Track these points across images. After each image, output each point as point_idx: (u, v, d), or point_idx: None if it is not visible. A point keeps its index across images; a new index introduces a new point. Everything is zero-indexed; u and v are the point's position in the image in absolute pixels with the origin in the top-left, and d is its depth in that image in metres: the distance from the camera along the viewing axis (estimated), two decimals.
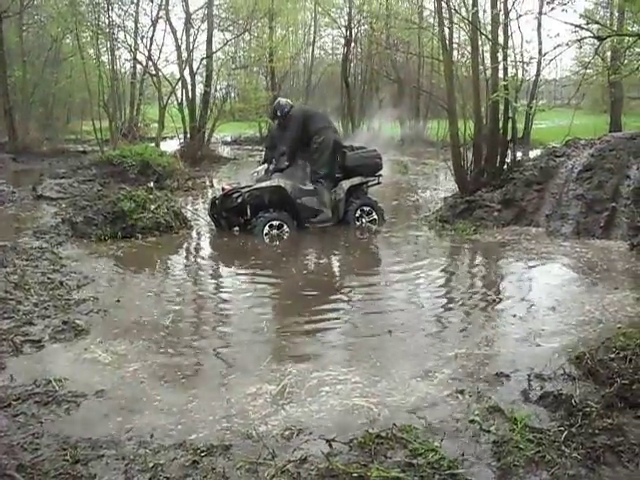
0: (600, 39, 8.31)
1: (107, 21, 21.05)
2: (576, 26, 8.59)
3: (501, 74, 10.35)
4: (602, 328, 5.10)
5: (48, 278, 6.51)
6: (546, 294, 6.16)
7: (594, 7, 18.64)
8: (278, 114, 9.84)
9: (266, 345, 4.98)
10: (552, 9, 8.44)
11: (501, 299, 6.18)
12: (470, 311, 5.77)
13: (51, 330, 5.05)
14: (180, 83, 20.20)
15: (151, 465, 3.13)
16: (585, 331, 5.06)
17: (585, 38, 8.95)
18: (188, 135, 19.93)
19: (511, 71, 10.34)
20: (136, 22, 22.95)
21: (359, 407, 3.74)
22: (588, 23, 9.73)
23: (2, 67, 19.97)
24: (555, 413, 3.63)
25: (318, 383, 4.12)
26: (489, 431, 3.42)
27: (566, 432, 3.34)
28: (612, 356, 4.14)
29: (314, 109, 9.95)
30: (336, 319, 5.64)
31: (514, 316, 5.52)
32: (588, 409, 3.54)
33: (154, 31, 21.80)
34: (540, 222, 9.19)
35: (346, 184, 9.56)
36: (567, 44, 8.23)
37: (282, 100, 10.19)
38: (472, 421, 3.52)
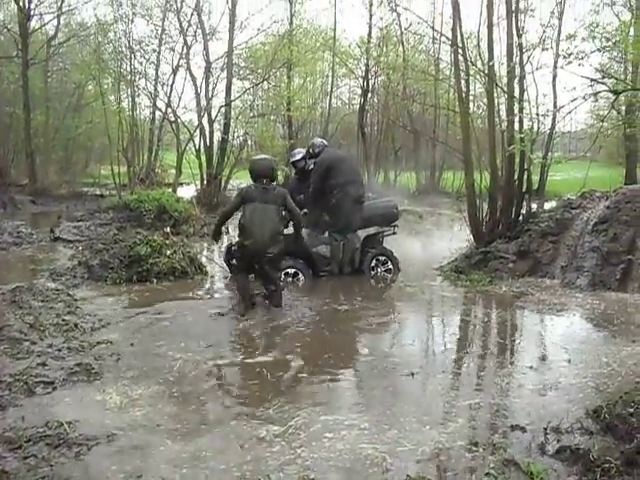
0: (616, 93, 8.39)
1: (129, 68, 21.54)
2: (592, 80, 8.68)
3: (517, 126, 10.41)
4: (620, 382, 5.00)
5: (63, 320, 6.51)
6: (561, 346, 6.08)
7: (608, 62, 18.83)
8: (301, 164, 9.89)
9: (277, 390, 4.94)
10: (569, 63, 8.56)
11: (515, 350, 6.15)
12: (484, 361, 5.71)
13: (64, 372, 5.04)
14: (198, 130, 20.49)
15: None
16: (602, 384, 4.97)
17: (601, 92, 9.03)
18: (205, 182, 20.12)
19: (527, 123, 10.40)
20: (157, 70, 23.53)
21: (371, 456, 3.68)
22: (604, 77, 9.83)
23: (26, 112, 20.42)
24: (572, 468, 3.55)
25: (323, 427, 4.09)
26: None
27: None
28: (631, 411, 4.05)
29: (342, 157, 9.73)
30: (348, 367, 5.61)
31: (529, 367, 5.45)
32: (607, 465, 3.46)
33: (174, 79, 22.32)
34: (555, 274, 9.14)
35: (362, 234, 9.58)
36: (584, 97, 8.35)
37: (317, 140, 10.05)
38: (487, 474, 3.46)
